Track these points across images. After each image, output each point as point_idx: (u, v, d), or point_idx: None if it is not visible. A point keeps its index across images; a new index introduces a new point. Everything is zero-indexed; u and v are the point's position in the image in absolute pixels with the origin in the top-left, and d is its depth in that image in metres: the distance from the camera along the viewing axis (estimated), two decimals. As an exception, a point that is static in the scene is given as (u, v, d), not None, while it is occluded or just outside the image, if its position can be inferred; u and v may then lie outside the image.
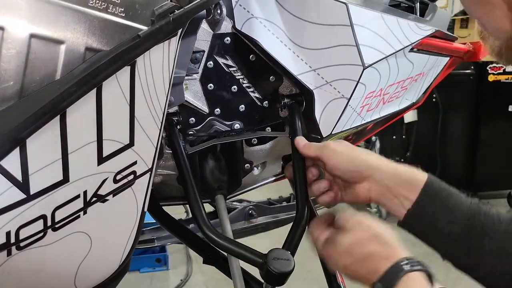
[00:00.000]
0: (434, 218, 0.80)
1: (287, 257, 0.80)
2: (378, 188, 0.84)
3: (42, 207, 0.64)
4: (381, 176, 0.84)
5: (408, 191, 0.82)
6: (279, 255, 0.79)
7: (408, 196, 0.82)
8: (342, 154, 0.87)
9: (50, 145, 0.63)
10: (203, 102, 1.00)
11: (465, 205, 0.79)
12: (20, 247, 0.65)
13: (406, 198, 0.82)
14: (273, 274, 0.78)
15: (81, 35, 0.65)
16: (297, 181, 0.89)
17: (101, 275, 0.77)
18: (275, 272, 0.77)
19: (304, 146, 0.92)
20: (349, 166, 0.86)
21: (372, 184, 0.85)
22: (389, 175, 0.84)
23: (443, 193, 0.81)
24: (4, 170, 0.60)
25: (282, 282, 0.79)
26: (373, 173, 0.84)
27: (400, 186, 0.83)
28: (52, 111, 0.61)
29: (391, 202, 0.83)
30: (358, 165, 0.86)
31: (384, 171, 0.84)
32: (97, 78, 0.63)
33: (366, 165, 0.86)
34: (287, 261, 0.79)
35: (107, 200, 0.71)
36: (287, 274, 0.79)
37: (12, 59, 0.61)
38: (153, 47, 0.68)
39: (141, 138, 0.72)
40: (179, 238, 1.10)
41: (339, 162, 0.86)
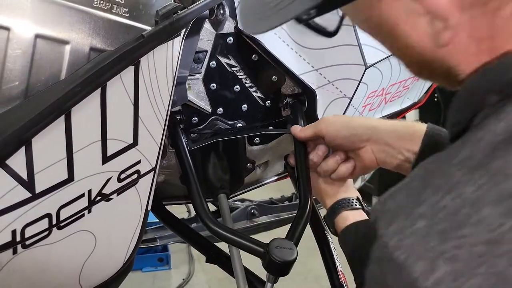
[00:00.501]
0: None
1: (289, 246, 0.77)
2: (379, 148, 0.84)
3: (47, 206, 0.65)
4: (379, 135, 0.84)
5: (410, 143, 0.81)
6: (281, 244, 0.77)
7: (411, 148, 0.80)
8: (337, 122, 0.87)
9: (55, 144, 0.63)
10: (205, 101, 1.00)
11: None
12: (25, 246, 0.65)
13: (408, 151, 0.81)
14: (275, 263, 0.75)
15: (85, 35, 0.65)
16: (299, 173, 0.89)
17: (106, 274, 0.77)
18: (278, 261, 0.75)
19: (300, 131, 0.92)
20: (346, 131, 0.85)
21: (373, 145, 0.84)
22: (387, 132, 0.83)
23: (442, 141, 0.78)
24: (10, 169, 0.60)
25: (284, 272, 0.77)
26: (371, 133, 0.84)
27: (401, 140, 0.82)
28: (57, 110, 0.62)
29: (395, 159, 0.83)
30: (355, 128, 0.85)
31: (382, 129, 0.84)
32: (102, 78, 0.64)
33: (362, 127, 0.85)
34: (289, 250, 0.76)
35: (111, 199, 0.72)
36: (290, 263, 0.76)
37: (18, 59, 0.61)
38: (157, 47, 0.69)
39: (145, 138, 0.73)
40: (182, 237, 1.11)
41: (336, 130, 0.86)
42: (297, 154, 0.90)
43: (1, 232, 0.62)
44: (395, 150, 0.82)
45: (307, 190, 0.86)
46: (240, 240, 0.81)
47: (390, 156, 0.83)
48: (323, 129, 0.86)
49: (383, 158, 0.84)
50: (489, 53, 0.41)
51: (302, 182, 0.86)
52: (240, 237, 0.81)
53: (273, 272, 0.77)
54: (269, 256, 0.75)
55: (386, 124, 0.85)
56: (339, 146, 0.88)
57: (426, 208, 0.36)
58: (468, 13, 0.40)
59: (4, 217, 0.62)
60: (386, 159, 0.84)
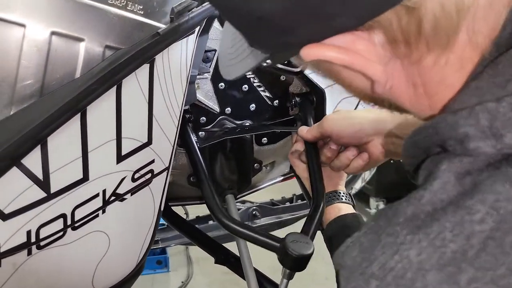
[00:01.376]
0: None
1: (306, 240, 0.76)
2: (387, 140, 0.83)
3: (62, 206, 0.64)
4: (385, 126, 0.83)
5: None
6: (297, 238, 0.75)
7: None
8: (340, 121, 0.86)
9: (71, 143, 0.62)
10: (214, 101, 1.00)
11: None
12: (40, 247, 0.64)
13: None
14: (292, 257, 0.73)
15: (100, 33, 0.64)
16: (311, 171, 0.88)
17: (119, 275, 0.76)
18: (294, 255, 0.73)
19: (307, 132, 0.91)
20: (351, 129, 0.85)
21: (381, 138, 0.84)
22: (392, 122, 0.83)
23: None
24: (26, 169, 0.59)
25: (301, 266, 0.75)
26: (377, 126, 0.84)
27: (407, 129, 0.79)
28: (73, 109, 0.61)
29: None
30: (360, 124, 0.85)
31: (387, 121, 0.83)
32: (118, 75, 0.63)
33: (367, 121, 0.85)
34: (306, 244, 0.75)
35: (125, 199, 0.71)
36: (307, 258, 0.74)
37: (33, 57, 0.60)
38: (171, 44, 0.68)
39: (159, 137, 0.72)
40: (190, 238, 1.10)
41: (340, 129, 0.86)
42: (308, 152, 0.90)
43: (16, 233, 0.61)
44: (401, 140, 0.81)
45: (320, 187, 0.85)
46: (255, 236, 0.79)
47: (398, 146, 0.82)
48: (328, 129, 0.86)
49: (392, 150, 0.84)
50: (427, 96, 0.43)
51: (315, 179, 0.85)
52: (255, 232, 0.80)
53: (290, 266, 0.75)
54: (286, 250, 0.73)
55: (389, 115, 0.84)
56: (346, 144, 0.87)
57: (377, 268, 0.36)
58: (397, 63, 0.41)
59: (19, 217, 0.60)
60: (396, 150, 0.83)
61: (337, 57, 0.40)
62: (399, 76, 0.42)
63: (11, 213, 0.60)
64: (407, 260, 0.35)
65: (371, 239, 0.39)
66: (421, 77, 0.42)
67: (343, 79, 0.46)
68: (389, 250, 0.36)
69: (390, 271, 0.35)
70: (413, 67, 0.41)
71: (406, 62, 0.41)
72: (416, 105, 0.44)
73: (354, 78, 0.45)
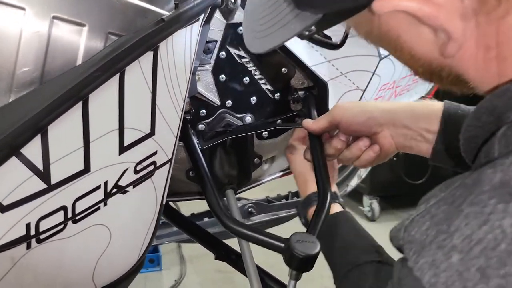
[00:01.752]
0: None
1: (311, 239, 0.74)
2: (398, 131, 0.81)
3: (62, 198, 0.61)
4: (396, 117, 0.81)
5: (429, 123, 0.78)
6: (303, 238, 0.74)
7: (430, 129, 0.78)
8: (352, 108, 0.84)
9: (72, 132, 0.60)
10: (214, 93, 0.98)
11: None
12: (39, 240, 0.62)
13: (428, 131, 0.78)
14: (298, 258, 0.71)
15: (103, 19, 0.62)
16: (316, 167, 0.86)
17: (119, 271, 0.74)
18: (301, 255, 0.71)
19: (313, 123, 0.89)
20: (362, 116, 0.82)
21: (391, 129, 0.81)
22: (404, 113, 0.81)
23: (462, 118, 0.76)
24: (25, 159, 0.57)
25: (308, 267, 0.73)
26: (388, 116, 0.81)
27: (419, 121, 0.79)
28: (75, 97, 0.58)
29: (414, 141, 0.80)
30: (371, 112, 0.82)
31: (399, 111, 0.81)
32: (121, 63, 0.61)
33: (379, 110, 0.82)
34: (312, 243, 0.73)
35: (127, 192, 0.69)
36: (313, 258, 0.72)
37: (33, 42, 0.58)
38: (176, 32, 0.66)
39: (162, 127, 0.70)
40: (189, 235, 1.08)
41: (352, 115, 0.83)
42: (313, 147, 0.88)
43: (15, 226, 0.58)
44: (415, 132, 0.79)
45: (326, 183, 0.83)
46: (258, 236, 0.77)
47: (409, 138, 0.80)
48: (338, 116, 0.83)
49: (402, 142, 0.81)
50: (497, 60, 0.40)
51: (321, 175, 0.83)
52: (258, 233, 0.78)
53: (296, 267, 0.74)
54: (291, 251, 0.72)
55: (402, 105, 0.82)
56: (355, 133, 0.84)
57: (459, 240, 0.33)
58: (472, 22, 0.39)
59: (19, 209, 0.58)
60: (405, 142, 0.81)
61: (418, 8, 0.38)
62: (471, 37, 0.40)
63: (10, 205, 0.57)
64: (500, 230, 0.32)
65: (447, 210, 0.36)
66: (498, 36, 0.39)
67: (403, 44, 0.43)
68: (475, 220, 0.33)
69: (477, 243, 0.32)
70: (491, 26, 0.39)
71: (484, 20, 0.39)
72: (482, 72, 0.41)
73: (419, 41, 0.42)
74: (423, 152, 0.80)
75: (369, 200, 3.11)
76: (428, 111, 0.79)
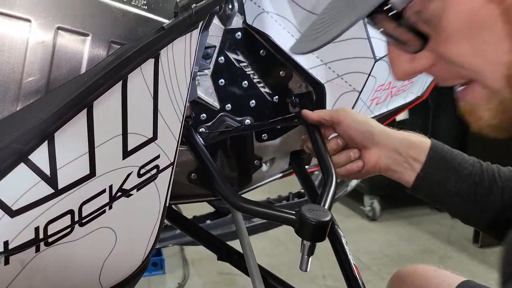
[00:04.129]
0: (442, 179, 0.82)
1: (322, 209, 0.74)
2: (388, 154, 0.86)
3: (69, 202, 0.63)
4: (391, 141, 0.86)
5: (417, 153, 0.84)
6: (313, 207, 0.73)
7: (418, 158, 0.83)
8: (356, 115, 0.89)
9: (78, 138, 0.62)
10: (214, 98, 1.00)
11: (469, 163, 0.82)
12: (48, 243, 0.64)
13: (415, 160, 0.83)
14: (310, 225, 0.70)
15: (105, 28, 0.64)
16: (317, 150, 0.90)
17: (125, 272, 0.76)
18: (313, 222, 0.70)
19: (314, 112, 0.92)
20: (363, 126, 0.87)
21: (382, 150, 0.86)
22: (398, 139, 0.86)
23: (448, 154, 0.83)
24: (33, 165, 0.59)
25: (321, 236, 0.72)
26: (385, 138, 0.86)
27: (410, 149, 0.84)
28: (80, 104, 0.60)
29: (401, 166, 0.85)
30: (372, 126, 0.87)
31: (394, 136, 0.86)
32: (124, 70, 0.63)
33: (378, 128, 0.87)
34: (323, 211, 0.73)
35: (131, 195, 0.71)
36: (326, 225, 0.72)
37: (39, 52, 0.60)
38: (176, 39, 0.68)
39: (164, 132, 0.72)
40: (192, 236, 1.10)
41: (354, 121, 0.87)
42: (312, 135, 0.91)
43: (25, 230, 0.60)
44: (403, 158, 0.85)
45: (328, 162, 0.86)
46: (270, 212, 0.78)
47: (396, 163, 0.85)
48: (341, 116, 0.87)
49: (389, 165, 0.86)
50: None
51: (322, 153, 0.87)
52: (269, 209, 0.80)
53: (309, 236, 0.73)
54: (304, 219, 0.71)
55: (396, 132, 0.88)
56: (349, 138, 0.89)
57: None
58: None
59: (28, 214, 0.60)
60: (392, 166, 0.86)
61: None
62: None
63: (19, 210, 0.59)
64: None
65: None
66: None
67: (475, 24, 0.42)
68: None
69: None
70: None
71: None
72: None
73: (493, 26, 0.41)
74: (405, 179, 0.85)
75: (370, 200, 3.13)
76: (420, 142, 0.85)
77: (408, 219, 3.13)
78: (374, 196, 3.13)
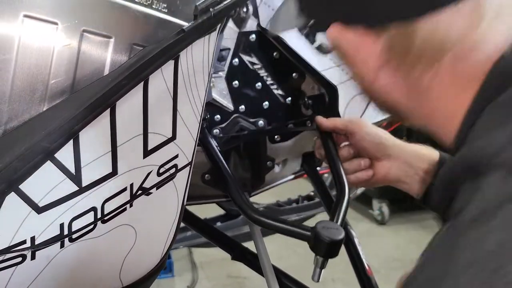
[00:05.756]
0: None
1: (336, 226, 0.77)
2: (400, 166, 0.87)
3: (92, 200, 0.65)
4: (402, 153, 0.87)
5: (427, 166, 0.85)
6: (327, 225, 0.77)
7: (428, 171, 0.85)
8: (370, 127, 0.90)
9: (101, 138, 0.64)
10: (228, 99, 1.02)
11: None
12: (72, 239, 0.65)
13: (426, 173, 0.85)
14: (324, 243, 0.74)
15: (127, 31, 0.66)
16: (330, 159, 0.91)
17: (144, 269, 0.77)
18: (326, 240, 0.74)
19: (328, 120, 0.94)
20: (377, 138, 0.89)
21: (394, 162, 0.88)
22: (410, 152, 0.88)
23: None
24: (59, 163, 0.61)
25: (333, 252, 0.76)
26: (397, 150, 0.88)
27: (420, 161, 0.86)
28: (103, 104, 0.62)
29: (411, 178, 0.87)
30: (386, 139, 0.89)
31: (405, 149, 0.88)
32: (145, 71, 0.65)
33: (391, 141, 0.89)
34: (336, 230, 0.76)
35: (151, 193, 0.72)
36: (339, 243, 0.75)
37: (65, 54, 0.62)
38: (195, 41, 0.70)
39: (183, 132, 0.74)
40: (206, 236, 1.11)
41: (368, 133, 0.89)
42: (325, 143, 0.92)
43: (50, 226, 0.62)
44: (413, 170, 0.87)
45: (341, 174, 0.87)
46: (285, 226, 0.81)
47: (407, 175, 0.87)
48: (356, 127, 0.89)
49: (399, 176, 0.88)
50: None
51: (335, 167, 0.88)
52: (284, 223, 0.82)
53: (323, 253, 0.76)
54: (318, 237, 0.75)
55: (407, 145, 0.90)
56: (362, 149, 0.90)
57: None
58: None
59: (53, 210, 0.62)
60: (403, 178, 0.88)
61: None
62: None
63: (45, 206, 0.61)
64: None
65: None
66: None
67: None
68: None
69: None
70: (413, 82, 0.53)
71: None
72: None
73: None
74: (414, 190, 0.86)
75: (379, 204, 3.13)
76: (429, 155, 0.87)
77: (417, 223, 3.13)
78: (383, 200, 3.13)
